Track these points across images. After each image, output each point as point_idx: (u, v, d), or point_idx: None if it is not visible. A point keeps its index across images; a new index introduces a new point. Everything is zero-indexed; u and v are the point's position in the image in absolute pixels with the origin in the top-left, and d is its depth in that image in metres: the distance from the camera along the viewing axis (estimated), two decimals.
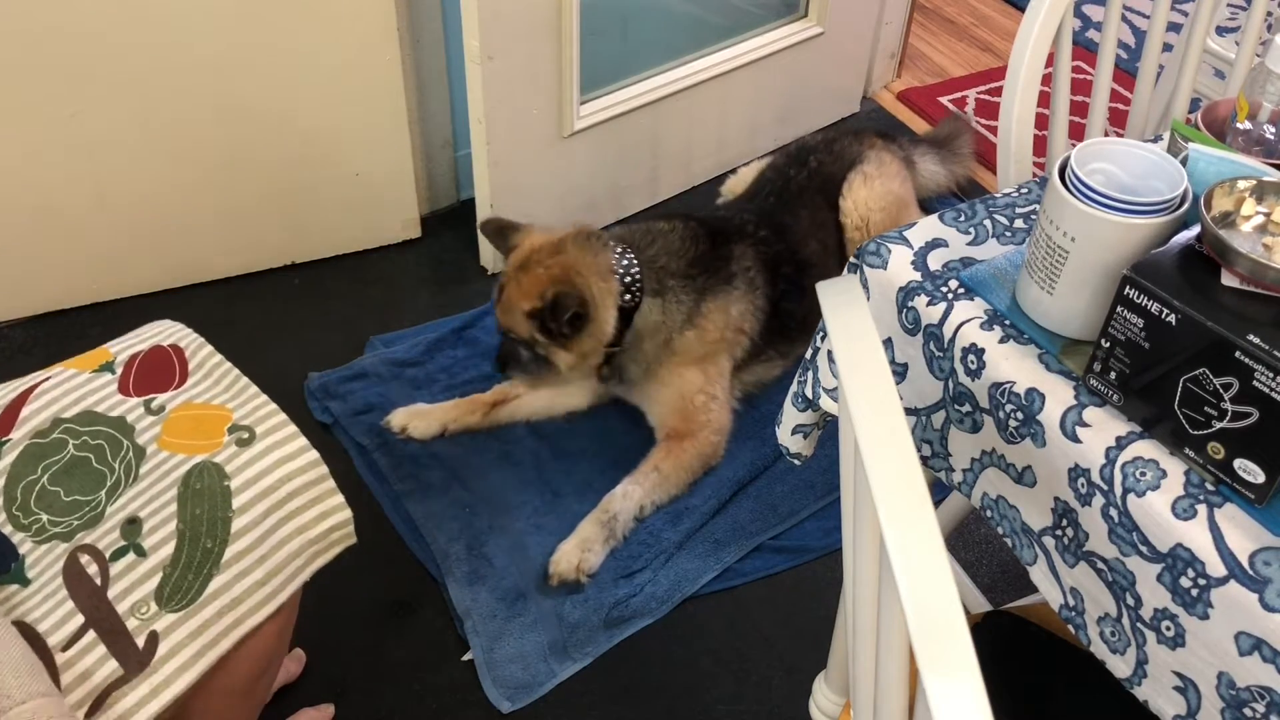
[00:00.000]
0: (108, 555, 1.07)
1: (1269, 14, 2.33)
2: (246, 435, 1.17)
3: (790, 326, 2.05)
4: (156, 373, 1.24)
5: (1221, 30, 2.90)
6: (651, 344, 1.92)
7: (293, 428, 1.19)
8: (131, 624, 1.03)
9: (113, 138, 1.99)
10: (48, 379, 1.22)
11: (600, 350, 1.89)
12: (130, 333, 1.31)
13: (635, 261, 1.90)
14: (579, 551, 1.76)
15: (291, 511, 1.14)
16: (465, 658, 1.67)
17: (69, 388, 1.20)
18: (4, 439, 1.15)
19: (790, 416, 1.23)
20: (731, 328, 1.96)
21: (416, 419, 1.97)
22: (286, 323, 2.20)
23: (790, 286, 2.04)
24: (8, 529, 1.08)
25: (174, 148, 2.05)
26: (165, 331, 1.31)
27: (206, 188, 2.13)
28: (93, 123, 1.96)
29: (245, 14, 1.95)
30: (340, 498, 1.18)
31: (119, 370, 1.24)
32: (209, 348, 1.28)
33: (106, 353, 1.27)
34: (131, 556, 1.07)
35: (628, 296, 1.88)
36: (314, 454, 1.17)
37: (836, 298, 0.79)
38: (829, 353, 1.14)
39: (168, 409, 1.19)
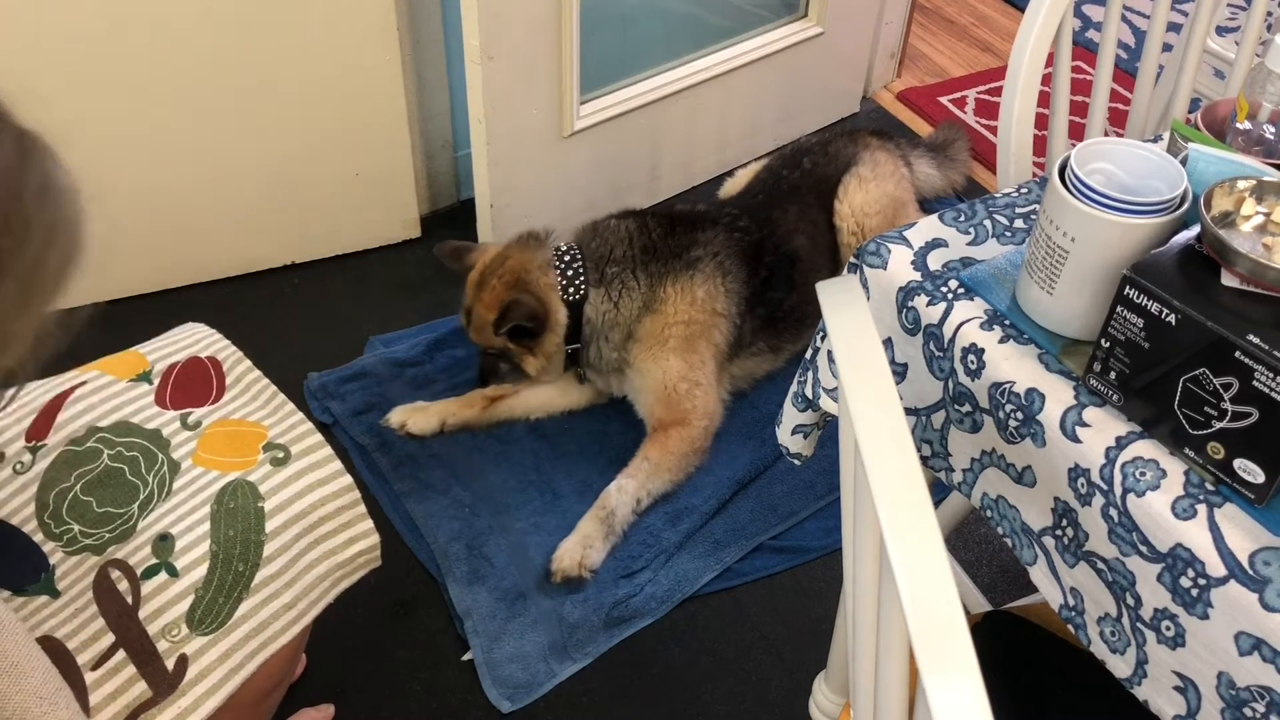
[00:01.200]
0: (139, 572, 1.05)
1: (1269, 14, 2.33)
2: (281, 455, 1.16)
3: (778, 318, 2.05)
4: (194, 385, 1.22)
5: (1221, 30, 2.90)
6: (615, 335, 1.93)
7: (327, 449, 1.18)
8: (162, 646, 1.02)
9: (112, 138, 1.99)
10: (83, 383, 1.19)
11: (561, 348, 1.92)
12: (164, 336, 1.29)
13: (577, 256, 1.93)
14: (581, 548, 1.76)
15: (322, 536, 1.14)
16: (465, 658, 1.67)
17: (106, 395, 1.18)
18: (40, 443, 1.13)
19: (790, 416, 1.23)
20: (701, 309, 1.94)
21: (415, 415, 1.97)
22: (286, 323, 2.20)
23: (774, 275, 2.03)
24: (38, 537, 1.07)
25: (173, 148, 2.05)
26: (202, 340, 1.29)
27: (206, 188, 2.13)
28: (92, 123, 1.96)
29: (245, 14, 1.95)
30: (369, 523, 1.18)
31: (156, 381, 1.21)
32: (246, 361, 1.27)
33: (143, 360, 1.24)
34: (163, 576, 1.05)
35: (570, 289, 1.90)
36: (347, 478, 1.17)
37: (836, 298, 0.79)
38: (829, 353, 1.14)
39: (204, 425, 1.18)
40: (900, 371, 1.09)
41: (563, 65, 2.12)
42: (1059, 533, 0.96)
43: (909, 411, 1.10)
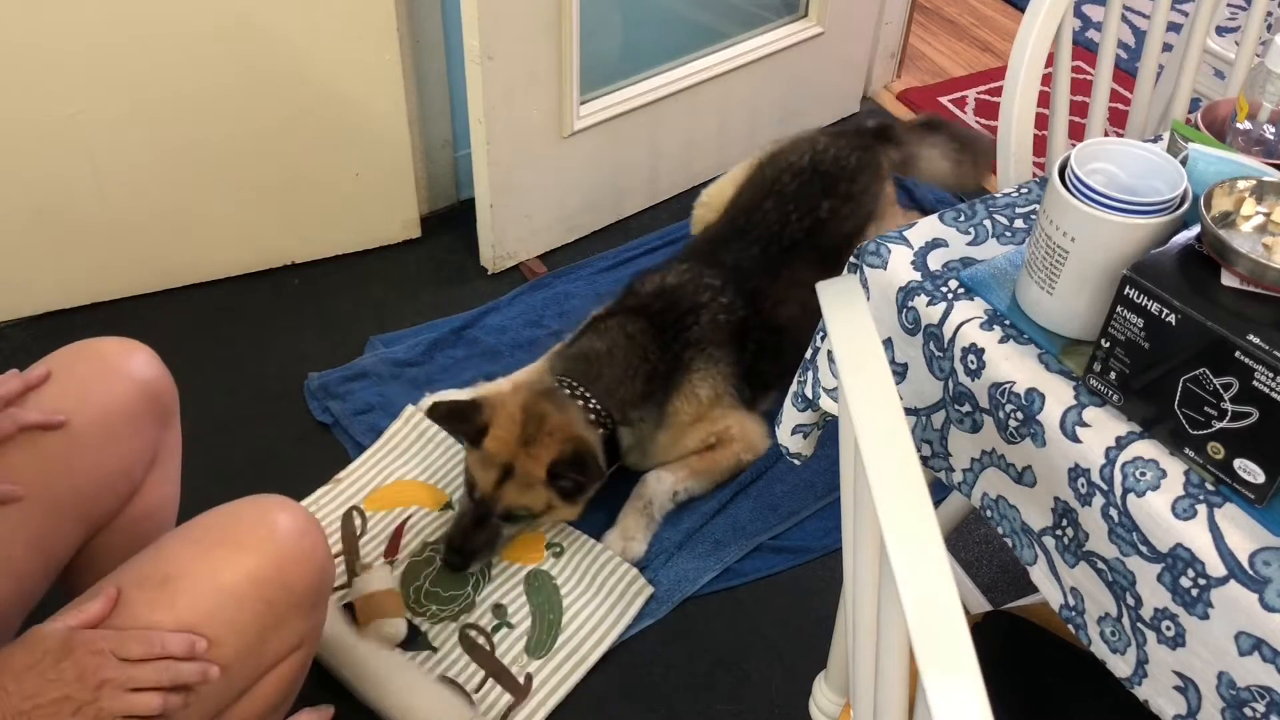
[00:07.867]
0: (489, 630, 1.64)
1: (1269, 14, 2.33)
2: (559, 550, 1.76)
3: (769, 383, 1.99)
4: None
5: (1221, 30, 2.90)
6: (635, 455, 1.88)
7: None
8: (514, 670, 1.60)
9: (113, 137, 1.99)
10: (410, 515, 1.78)
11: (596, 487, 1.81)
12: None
13: (591, 396, 1.79)
14: (622, 541, 1.78)
15: (603, 593, 1.71)
16: None
17: (428, 522, 1.78)
18: (393, 559, 1.72)
19: (790, 416, 1.23)
20: (707, 403, 1.89)
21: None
22: (286, 323, 2.20)
23: (762, 349, 1.95)
24: (406, 614, 1.64)
25: (174, 147, 2.05)
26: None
27: (206, 188, 2.13)
28: (93, 123, 1.96)
29: (244, 15, 1.95)
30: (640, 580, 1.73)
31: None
32: None
33: (443, 494, 1.82)
34: (505, 630, 1.65)
35: (601, 430, 1.78)
36: (621, 561, 1.75)
37: (836, 298, 0.79)
38: (829, 353, 1.14)
39: None
40: (900, 371, 1.09)
41: (563, 65, 2.12)
42: (1059, 533, 0.96)
43: (909, 411, 1.10)
